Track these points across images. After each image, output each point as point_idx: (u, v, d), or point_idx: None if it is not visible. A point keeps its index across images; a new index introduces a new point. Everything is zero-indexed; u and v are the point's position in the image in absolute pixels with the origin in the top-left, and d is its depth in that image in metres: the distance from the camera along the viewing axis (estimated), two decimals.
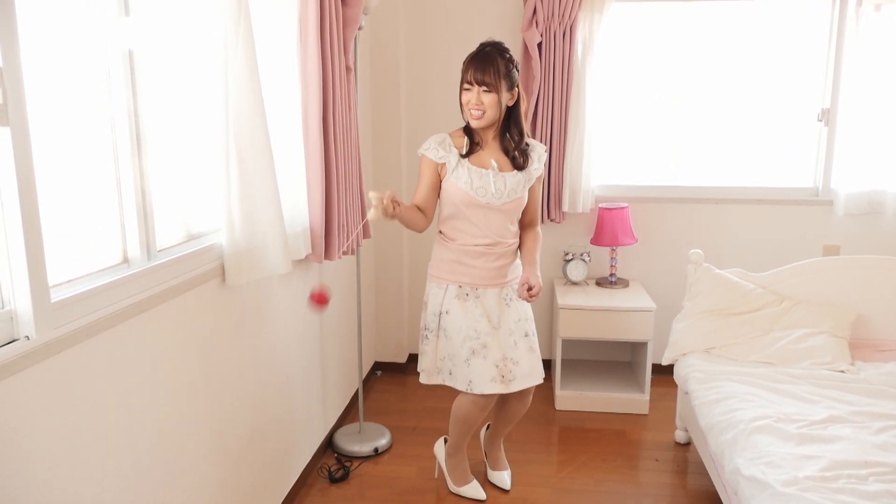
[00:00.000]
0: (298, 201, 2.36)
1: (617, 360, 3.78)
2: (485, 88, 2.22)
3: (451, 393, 2.47)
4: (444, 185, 2.36)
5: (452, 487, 2.61)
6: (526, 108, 2.37)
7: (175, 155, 1.82)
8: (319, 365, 2.83)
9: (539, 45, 3.37)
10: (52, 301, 1.30)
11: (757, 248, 3.60)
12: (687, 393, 2.63)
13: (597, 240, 3.50)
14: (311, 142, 2.33)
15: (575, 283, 3.57)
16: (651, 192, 3.64)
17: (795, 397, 2.32)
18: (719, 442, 2.16)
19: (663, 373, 3.58)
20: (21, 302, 1.24)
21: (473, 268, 2.36)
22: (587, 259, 3.54)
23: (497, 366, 2.33)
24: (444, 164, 2.33)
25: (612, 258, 3.55)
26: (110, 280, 1.48)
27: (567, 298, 3.32)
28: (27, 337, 1.24)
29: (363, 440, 2.94)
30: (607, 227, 3.44)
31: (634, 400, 3.30)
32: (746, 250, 3.60)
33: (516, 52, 3.50)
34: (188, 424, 1.78)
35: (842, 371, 2.57)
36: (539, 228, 2.50)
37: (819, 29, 3.44)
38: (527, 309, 2.44)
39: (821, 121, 3.50)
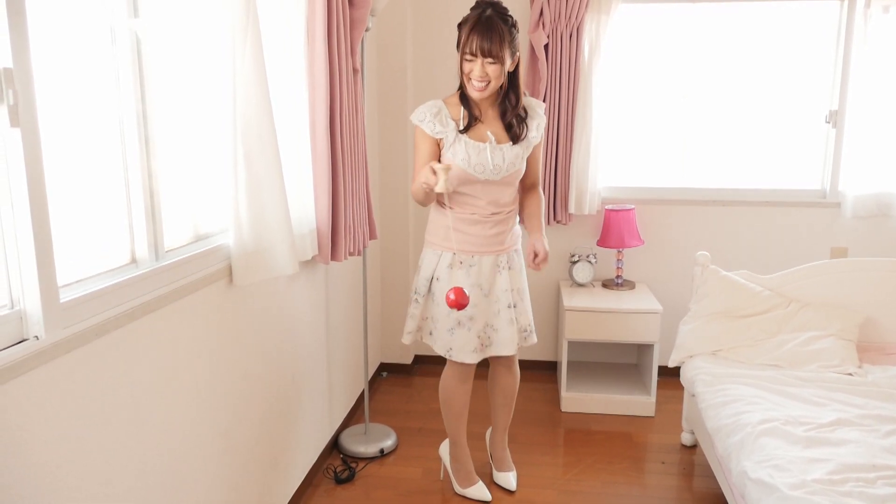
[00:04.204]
0: (305, 202, 2.37)
1: (623, 362, 3.78)
2: (490, 60, 2.13)
3: None
4: (441, 158, 2.32)
5: (458, 489, 2.61)
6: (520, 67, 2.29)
7: (183, 156, 1.83)
8: (325, 366, 2.83)
9: (545, 46, 3.37)
10: (62, 301, 1.30)
11: (764, 250, 3.59)
12: (693, 395, 2.62)
13: (603, 241, 3.50)
14: (318, 143, 2.34)
15: (581, 285, 3.57)
16: (658, 194, 3.63)
17: (803, 400, 2.31)
18: (726, 445, 2.16)
19: (670, 375, 3.57)
20: (30, 302, 1.25)
21: (470, 235, 2.34)
22: (593, 261, 3.54)
23: (479, 336, 2.37)
24: (441, 139, 2.28)
25: (618, 260, 3.54)
26: (119, 280, 1.48)
27: (573, 300, 3.32)
28: (36, 337, 1.25)
29: (369, 441, 2.94)
30: (614, 229, 3.43)
31: (640, 402, 3.30)
32: (753, 252, 3.59)
33: (523, 54, 3.49)
34: (195, 424, 1.79)
35: (849, 374, 2.56)
36: (540, 190, 2.48)
37: (827, 30, 3.43)
38: (518, 280, 2.44)
39: (828, 122, 3.49)
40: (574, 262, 3.54)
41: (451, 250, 2.34)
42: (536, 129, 2.34)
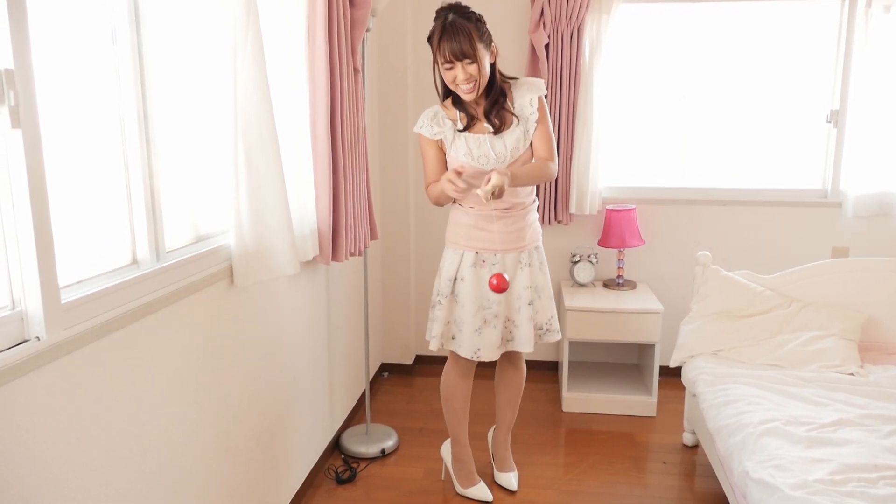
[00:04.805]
0: (306, 203, 2.37)
1: (624, 362, 3.77)
2: (468, 61, 2.14)
3: None
4: (447, 159, 2.34)
5: (459, 489, 2.61)
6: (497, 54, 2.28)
7: (184, 156, 1.83)
8: (326, 366, 2.83)
9: (546, 46, 3.36)
10: (63, 302, 1.30)
11: (765, 250, 3.58)
12: (695, 395, 2.62)
13: (604, 241, 3.50)
14: (318, 143, 2.34)
15: (582, 285, 3.57)
16: (659, 194, 3.63)
17: (804, 400, 2.31)
18: (728, 445, 2.15)
19: (671, 375, 3.57)
20: (32, 303, 1.24)
21: (492, 232, 2.33)
22: (594, 261, 3.54)
23: (501, 331, 2.39)
24: (441, 140, 2.32)
25: (619, 260, 3.54)
26: (120, 281, 1.48)
27: (574, 300, 3.32)
28: (37, 338, 1.25)
29: (370, 441, 2.94)
30: (615, 229, 3.43)
31: (642, 402, 3.29)
32: (755, 252, 3.59)
33: (523, 54, 3.51)
34: (196, 425, 1.79)
35: (851, 374, 2.56)
36: (551, 164, 2.29)
37: (828, 30, 3.43)
38: (538, 276, 2.42)
39: (830, 122, 3.49)
40: (575, 262, 3.54)
41: (474, 249, 2.35)
42: (530, 104, 2.28)
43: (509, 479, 2.66)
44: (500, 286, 2.14)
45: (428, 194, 2.39)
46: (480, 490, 2.58)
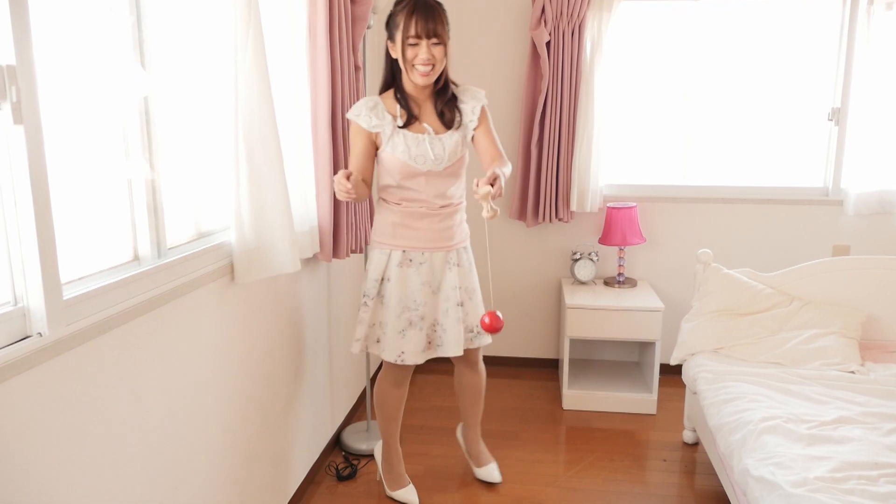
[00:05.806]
0: (307, 200, 2.37)
1: (625, 359, 3.78)
2: (435, 41, 2.10)
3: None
4: (380, 154, 2.23)
5: (388, 491, 2.57)
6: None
7: (185, 153, 1.83)
8: (327, 363, 2.84)
9: (547, 44, 3.36)
10: (65, 298, 1.30)
11: (766, 248, 3.58)
12: (695, 393, 2.62)
13: (605, 239, 3.50)
14: (319, 140, 2.34)
15: (583, 283, 3.57)
16: (660, 192, 3.63)
17: (805, 398, 2.31)
18: (728, 442, 2.16)
19: (671, 373, 3.57)
20: (34, 299, 1.25)
21: (419, 230, 2.27)
22: (595, 258, 3.54)
23: (427, 335, 2.32)
24: (378, 133, 2.22)
25: (620, 258, 3.54)
26: (121, 277, 1.49)
27: (575, 298, 3.32)
28: (39, 334, 1.25)
29: (370, 438, 2.94)
30: (616, 227, 3.43)
31: (642, 400, 3.30)
32: (756, 250, 3.59)
33: (525, 52, 3.50)
34: (197, 421, 1.79)
35: (852, 372, 2.56)
36: (506, 160, 2.22)
37: (829, 28, 3.42)
38: (467, 278, 2.36)
39: (831, 120, 3.48)
40: (576, 260, 3.54)
41: (401, 248, 2.28)
42: (472, 111, 2.26)
43: (490, 472, 2.65)
44: (493, 325, 2.02)
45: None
46: (408, 493, 2.54)
